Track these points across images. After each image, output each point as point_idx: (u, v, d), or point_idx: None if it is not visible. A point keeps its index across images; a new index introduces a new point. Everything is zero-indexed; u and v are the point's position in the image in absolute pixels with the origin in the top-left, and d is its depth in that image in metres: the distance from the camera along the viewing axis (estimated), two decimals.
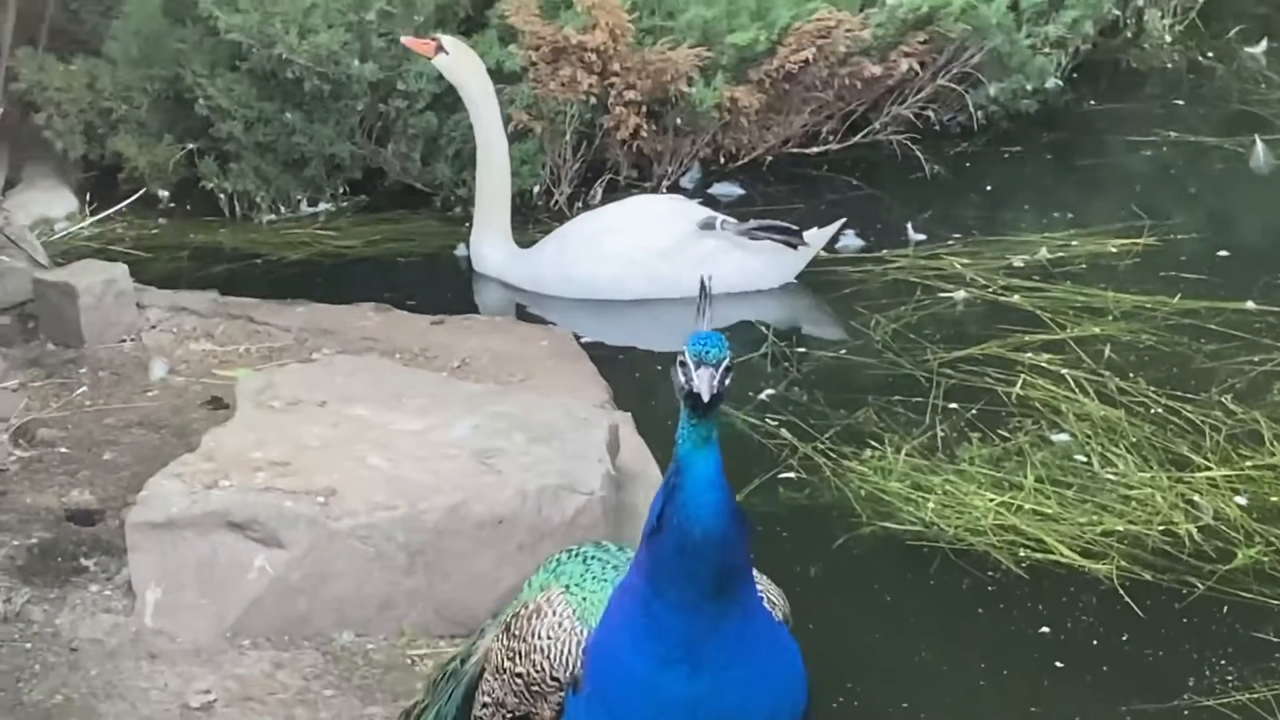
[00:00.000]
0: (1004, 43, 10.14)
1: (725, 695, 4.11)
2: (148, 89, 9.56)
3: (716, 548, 4.01)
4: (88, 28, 9.91)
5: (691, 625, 4.04)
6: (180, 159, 9.59)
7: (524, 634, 4.30)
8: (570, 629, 4.24)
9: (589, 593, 4.30)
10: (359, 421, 6.83)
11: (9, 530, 6.67)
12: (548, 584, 4.41)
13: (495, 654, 4.41)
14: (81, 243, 9.28)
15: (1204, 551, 7.05)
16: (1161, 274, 8.95)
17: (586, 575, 4.36)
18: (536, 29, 9.34)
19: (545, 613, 4.30)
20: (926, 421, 7.84)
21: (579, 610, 4.26)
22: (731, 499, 4.08)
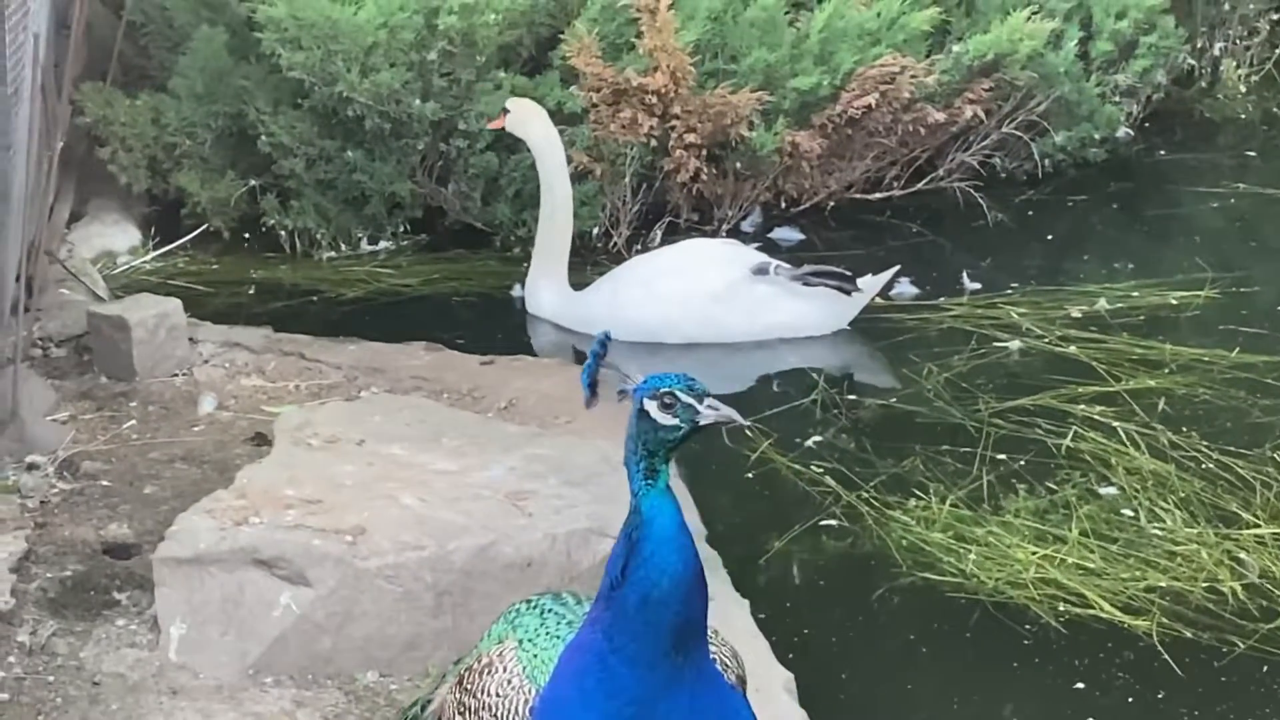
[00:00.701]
0: (1072, 91, 10.11)
1: None
2: (211, 125, 9.64)
3: (682, 600, 3.98)
4: (155, 63, 10.00)
5: (647, 682, 4.01)
6: (242, 195, 9.66)
7: (474, 689, 4.30)
8: (519, 687, 4.21)
9: (540, 649, 4.26)
10: (394, 461, 6.85)
11: (44, 562, 6.71)
12: (504, 635, 4.40)
13: (448, 707, 4.40)
14: (143, 276, 9.35)
15: (1248, 610, 7.00)
16: (1221, 327, 8.89)
17: (541, 630, 4.33)
18: (598, 71, 9.36)
19: (496, 669, 4.29)
20: (973, 472, 7.81)
21: (528, 668, 4.24)
22: (695, 551, 4.05)
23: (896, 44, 9.65)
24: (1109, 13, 10.22)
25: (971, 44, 9.79)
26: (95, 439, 7.69)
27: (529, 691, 4.19)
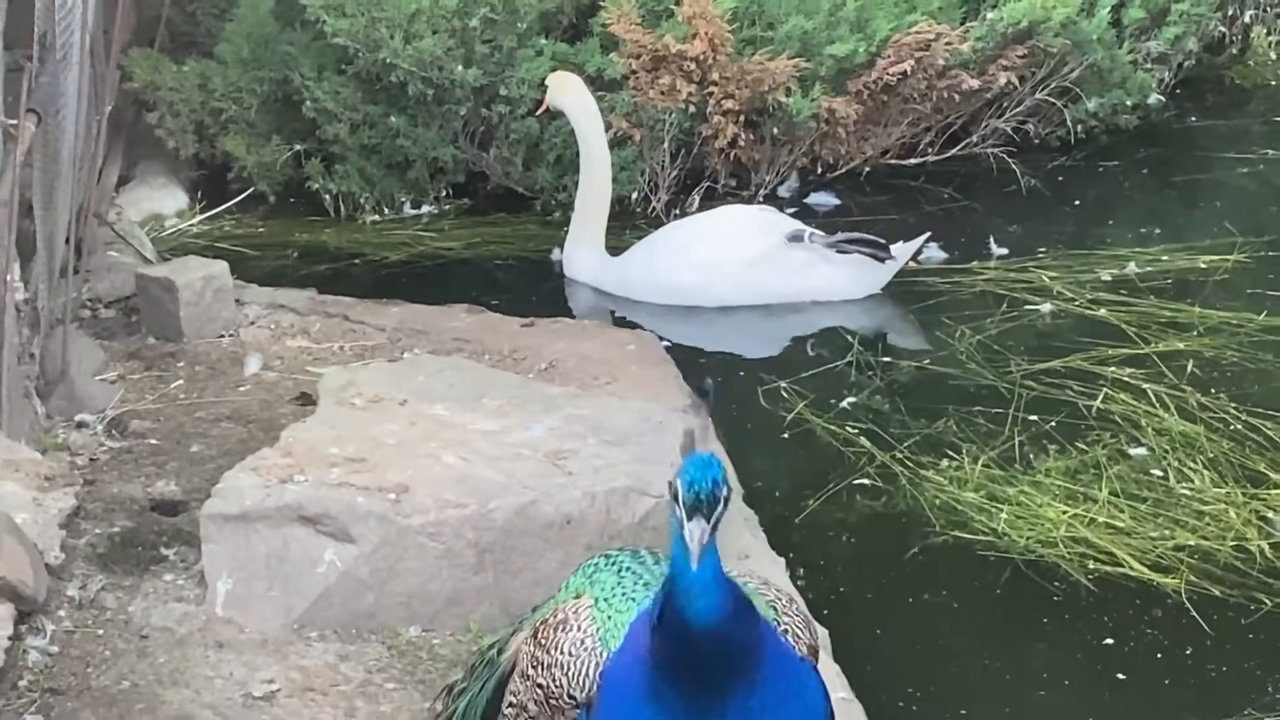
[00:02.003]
0: (1104, 58, 10.07)
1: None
2: (257, 90, 9.67)
3: (713, 645, 3.98)
4: (202, 29, 10.02)
5: (692, 704, 4.02)
6: (287, 160, 9.69)
7: (549, 645, 4.29)
8: (591, 649, 4.20)
9: (615, 611, 4.25)
10: (436, 420, 6.87)
11: (93, 519, 6.74)
12: (582, 590, 4.38)
13: (523, 657, 4.40)
14: (190, 239, 9.38)
15: (1275, 569, 7.01)
16: (1249, 291, 8.88)
17: (617, 590, 4.31)
18: (637, 38, 9.36)
19: (571, 626, 4.27)
20: (1005, 433, 7.82)
21: (603, 629, 4.22)
22: (729, 598, 4.00)
23: (932, 11, 9.65)
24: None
25: (1006, 11, 9.77)
26: (143, 398, 7.72)
27: (600, 655, 4.18)
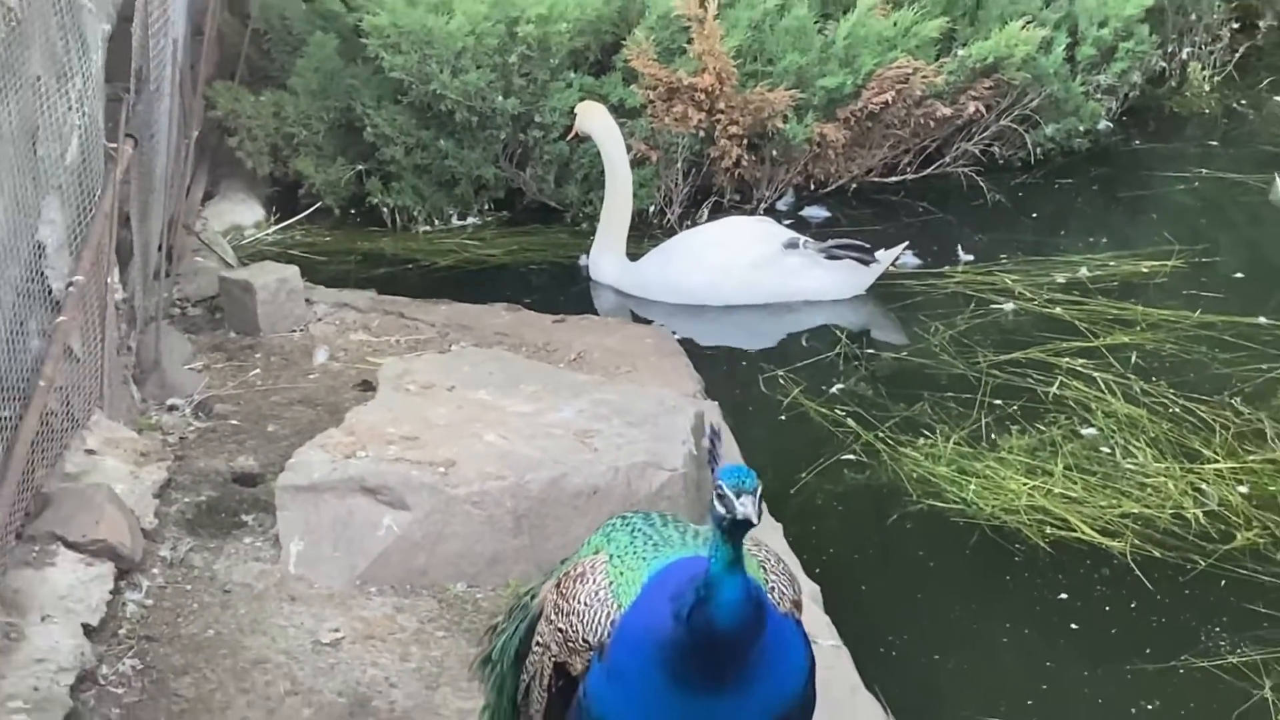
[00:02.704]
0: (1060, 89, 10.06)
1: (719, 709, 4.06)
2: (324, 118, 9.66)
3: (732, 649, 3.97)
4: (276, 65, 10.02)
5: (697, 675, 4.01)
6: (350, 178, 9.68)
7: (569, 594, 4.28)
8: (604, 600, 4.19)
9: (628, 568, 4.23)
10: (480, 404, 6.88)
11: (183, 489, 6.77)
12: (600, 547, 4.38)
13: (548, 604, 4.40)
14: (265, 247, 9.38)
15: (1208, 533, 7.01)
16: (1185, 292, 8.86)
17: (630, 549, 4.30)
18: (654, 71, 9.35)
19: (588, 578, 4.26)
20: (973, 415, 7.81)
21: (615, 584, 4.21)
22: (753, 610, 3.98)
23: (910, 49, 9.62)
24: (1092, 22, 10.16)
25: (974, 49, 9.75)
26: (225, 385, 7.74)
27: (613, 607, 4.17)
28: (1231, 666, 6.31)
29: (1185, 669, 6.32)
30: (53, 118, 6.44)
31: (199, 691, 5.61)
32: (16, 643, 5.42)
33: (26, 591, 5.65)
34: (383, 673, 5.76)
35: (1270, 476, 7.35)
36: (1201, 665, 6.33)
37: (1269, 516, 7.09)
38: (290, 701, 5.62)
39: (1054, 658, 6.46)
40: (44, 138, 6.32)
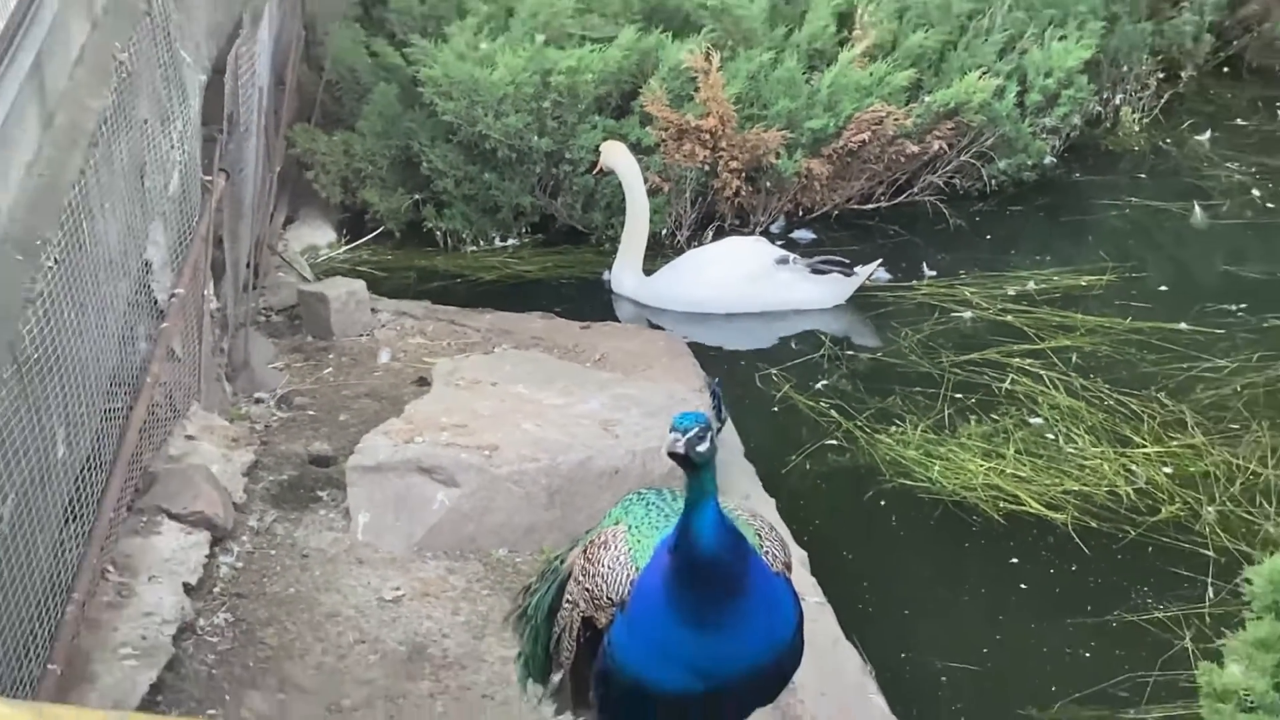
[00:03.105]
0: (1011, 130, 10.01)
1: (720, 648, 4.09)
2: (387, 154, 9.64)
3: (713, 569, 4.02)
4: (346, 110, 10.01)
5: (698, 610, 4.04)
6: (409, 205, 9.66)
7: (594, 560, 4.31)
8: (624, 564, 4.23)
9: (643, 536, 4.27)
10: (519, 397, 6.91)
11: (268, 469, 6.80)
12: (619, 519, 4.40)
13: (576, 566, 4.42)
14: (337, 264, 9.37)
15: (1137, 507, 7.02)
16: (1117, 302, 8.83)
17: (645, 520, 4.34)
18: (666, 115, 9.32)
19: (610, 545, 4.29)
20: (937, 407, 7.81)
21: (633, 549, 4.24)
22: (726, 534, 4.03)
23: (883, 96, 9.58)
24: (1039, 72, 10.13)
25: (938, 96, 9.72)
26: (303, 381, 7.76)
27: (631, 569, 4.20)
28: (1157, 620, 6.34)
29: (1118, 622, 6.35)
30: (157, 155, 6.47)
31: (281, 640, 5.64)
32: (128, 599, 5.46)
33: (136, 556, 5.69)
34: (437, 625, 5.80)
35: (1190, 459, 7.34)
36: (1131, 619, 6.36)
37: (1189, 493, 7.10)
38: (358, 649, 5.65)
39: (1005, 612, 6.50)
40: (150, 172, 6.35)
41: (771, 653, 4.14)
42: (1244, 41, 11.82)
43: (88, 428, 5.28)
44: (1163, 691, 5.94)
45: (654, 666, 4.06)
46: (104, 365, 5.55)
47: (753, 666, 4.10)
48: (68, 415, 5.01)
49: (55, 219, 5.13)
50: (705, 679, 4.05)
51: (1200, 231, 9.82)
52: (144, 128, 6.26)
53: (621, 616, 4.14)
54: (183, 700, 5.27)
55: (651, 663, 4.06)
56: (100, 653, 5.14)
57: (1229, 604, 6.24)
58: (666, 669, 4.05)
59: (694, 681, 4.05)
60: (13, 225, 4.93)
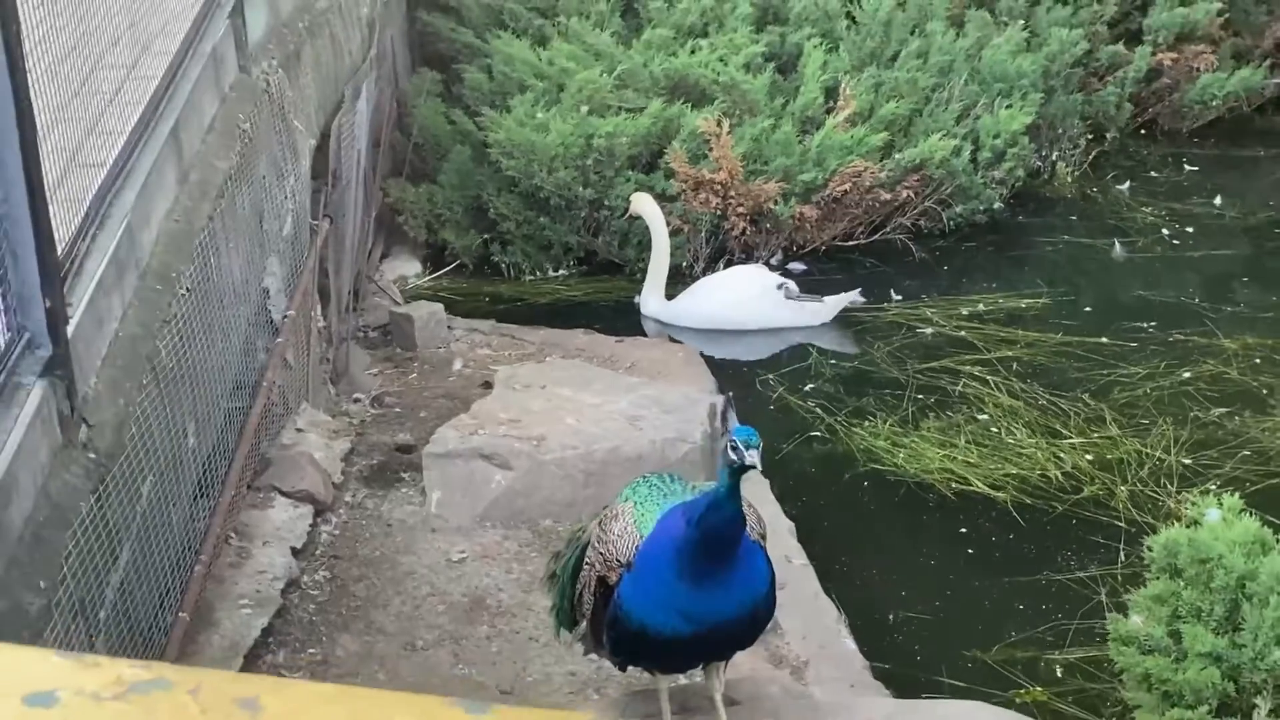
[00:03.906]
0: (966, 181, 9.95)
1: (710, 600, 4.10)
2: (462, 202, 9.67)
3: (722, 546, 4.04)
4: (429, 166, 10.04)
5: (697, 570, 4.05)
6: (480, 243, 9.68)
7: (607, 530, 4.32)
8: (630, 534, 4.24)
9: (646, 512, 4.28)
10: (563, 398, 6.90)
11: (360, 455, 6.82)
12: (627, 498, 4.41)
13: (593, 534, 4.43)
14: (422, 291, 9.39)
15: (1064, 487, 6.97)
16: (1051, 320, 8.77)
17: (649, 499, 4.35)
18: (685, 170, 9.32)
19: (619, 518, 4.31)
20: (903, 405, 7.77)
21: (638, 522, 4.26)
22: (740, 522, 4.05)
23: (862, 154, 9.55)
24: (989, 134, 10.07)
25: (907, 154, 9.68)
26: (393, 385, 7.78)
27: (636, 538, 4.21)
28: (1078, 579, 6.30)
29: (1047, 581, 6.31)
30: (274, 203, 6.51)
31: (368, 593, 5.65)
32: (245, 560, 5.48)
33: (253, 525, 5.72)
34: (494, 581, 5.81)
35: (1108, 448, 7.29)
36: (1058, 578, 6.32)
37: (1106, 475, 7.05)
38: (430, 600, 5.66)
39: (956, 573, 6.46)
40: (268, 217, 6.39)
41: (749, 605, 4.15)
42: (1157, 109, 11.71)
43: (213, 423, 5.31)
44: (1081, 637, 5.92)
45: (653, 614, 4.08)
46: (228, 373, 5.58)
47: (733, 616, 4.11)
48: (196, 413, 5.04)
49: (188, 256, 5.17)
50: (694, 624, 4.07)
51: (1120, 263, 9.74)
52: (263, 182, 6.30)
53: (628, 575, 4.15)
54: (288, 641, 5.30)
55: (651, 611, 4.08)
56: (222, 603, 5.17)
57: (1137, 566, 6.17)
58: (663, 616, 4.07)
59: (684, 625, 4.07)
60: (153, 260, 4.97)
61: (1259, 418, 7.50)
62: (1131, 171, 11.18)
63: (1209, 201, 10.51)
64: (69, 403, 4.02)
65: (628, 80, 9.80)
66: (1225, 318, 8.74)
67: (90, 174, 4.74)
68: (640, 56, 9.93)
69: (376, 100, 9.24)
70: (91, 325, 4.32)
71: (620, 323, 8.89)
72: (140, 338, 4.62)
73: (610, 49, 9.97)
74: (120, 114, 5.09)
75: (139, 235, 4.85)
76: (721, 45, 9.98)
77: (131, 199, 4.74)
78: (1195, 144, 11.56)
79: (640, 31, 10.16)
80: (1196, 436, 7.34)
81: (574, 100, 9.54)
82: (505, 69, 9.98)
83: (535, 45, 10.11)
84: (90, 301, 4.30)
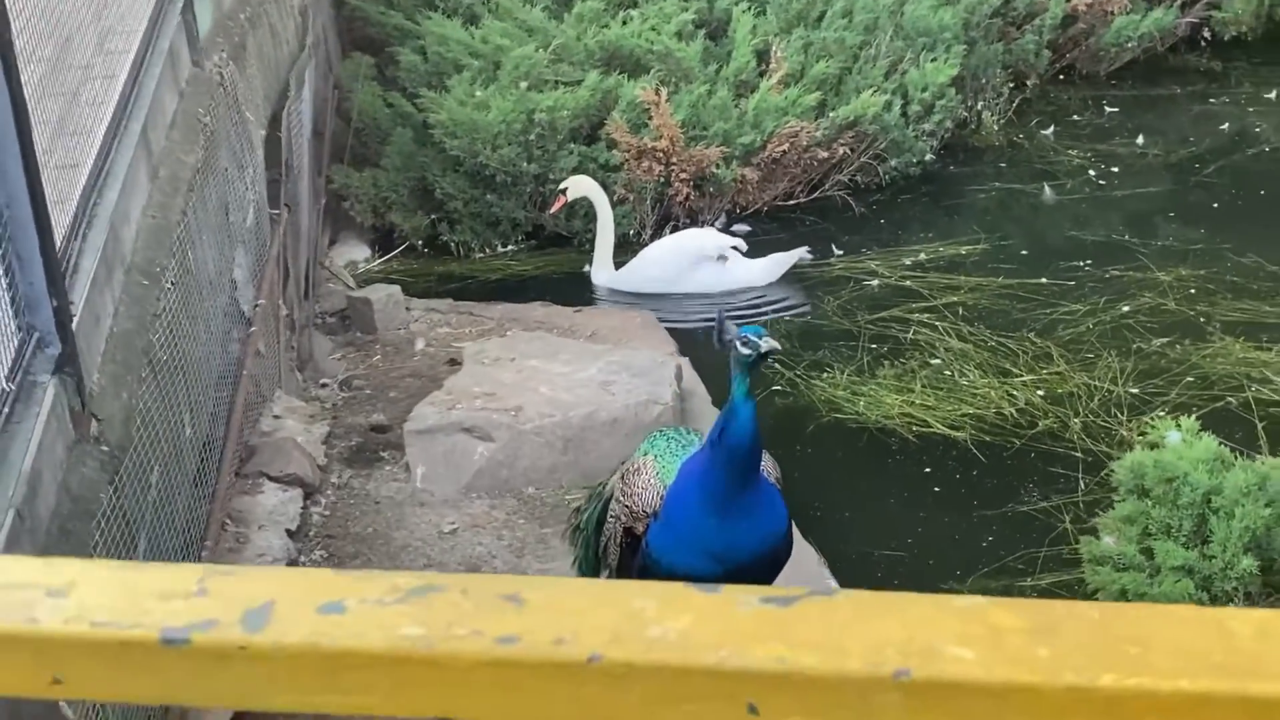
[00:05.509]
0: (899, 135, 10.16)
1: (735, 533, 4.26)
2: (407, 184, 9.72)
3: (747, 455, 4.17)
4: (371, 150, 10.07)
5: (726, 494, 4.19)
6: (427, 224, 9.74)
7: (630, 482, 4.47)
8: (654, 484, 4.39)
9: (667, 463, 4.44)
10: (533, 369, 7.01)
11: (339, 437, 6.89)
12: (647, 451, 4.56)
13: (617, 489, 4.58)
14: (373, 274, 9.44)
15: (1019, 423, 7.17)
16: (990, 265, 8.98)
17: (667, 451, 4.50)
18: (627, 140, 9.44)
19: (642, 471, 4.45)
20: (858, 355, 7.94)
21: (661, 473, 4.41)
22: (758, 431, 4.19)
23: (797, 114, 9.72)
24: (917, 88, 10.28)
25: (840, 111, 9.86)
26: (358, 368, 7.84)
27: (660, 487, 4.36)
28: (1042, 509, 6.51)
29: (1011, 514, 6.52)
30: (237, 195, 6.56)
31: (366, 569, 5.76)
32: (244, 544, 5.57)
33: (247, 511, 5.80)
34: (486, 549, 5.92)
35: (1058, 383, 7.52)
36: (1023, 510, 6.53)
37: (1059, 409, 7.27)
38: (427, 571, 5.77)
39: (923, 510, 6.65)
40: (233, 209, 6.44)
41: (770, 541, 4.32)
42: (1075, 54, 12.00)
43: (205, 413, 5.39)
44: (1051, 563, 6.13)
45: (683, 558, 4.23)
46: (212, 364, 5.65)
47: (756, 552, 4.28)
48: (190, 403, 5.13)
49: (168, 250, 5.24)
50: (721, 562, 4.23)
51: (1050, 206, 9.99)
52: (225, 174, 6.35)
53: (655, 523, 4.31)
54: None
55: (681, 555, 4.24)
56: None
57: (1096, 493, 6.44)
58: (692, 558, 4.23)
59: (713, 565, 4.22)
60: (136, 256, 5.04)
61: (1198, 345, 7.77)
62: (1054, 116, 11.45)
63: (1131, 141, 10.79)
64: (79, 398, 4.10)
65: (562, 54, 9.89)
66: (1156, 252, 9.02)
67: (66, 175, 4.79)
68: (573, 30, 10.03)
69: (316, 88, 9.27)
70: (90, 322, 4.40)
71: (573, 294, 8.99)
72: (134, 332, 4.70)
73: (542, 24, 10.07)
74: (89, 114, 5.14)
75: (121, 232, 4.92)
76: (652, 15, 10.10)
77: (114, 197, 4.80)
78: (1113, 86, 11.85)
79: (570, 5, 10.25)
80: (1141, 367, 7.59)
81: (512, 77, 9.62)
82: (439, 49, 10.04)
83: (467, 24, 10.19)
84: (87, 299, 4.38)
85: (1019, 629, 1.01)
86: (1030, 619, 1.02)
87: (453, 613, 1.08)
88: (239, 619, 1.10)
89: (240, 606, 1.11)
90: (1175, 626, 1.00)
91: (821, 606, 1.06)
